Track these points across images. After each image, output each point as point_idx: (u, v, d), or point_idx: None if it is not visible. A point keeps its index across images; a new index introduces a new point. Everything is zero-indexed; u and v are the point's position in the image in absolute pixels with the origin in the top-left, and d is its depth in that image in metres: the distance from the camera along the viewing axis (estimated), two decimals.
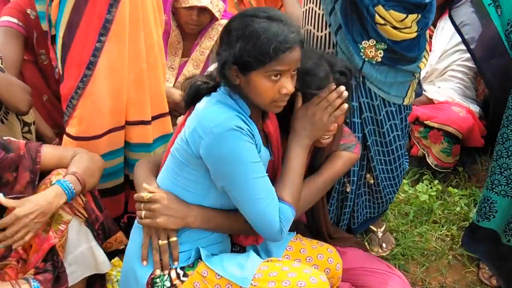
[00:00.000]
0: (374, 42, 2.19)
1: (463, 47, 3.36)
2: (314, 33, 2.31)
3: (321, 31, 2.29)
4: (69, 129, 2.18)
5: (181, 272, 1.81)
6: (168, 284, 1.80)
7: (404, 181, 3.31)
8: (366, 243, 2.75)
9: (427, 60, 2.39)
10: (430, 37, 3.66)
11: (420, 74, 2.42)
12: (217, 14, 2.78)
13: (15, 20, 2.56)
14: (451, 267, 2.74)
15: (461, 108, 3.37)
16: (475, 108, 3.45)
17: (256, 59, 1.66)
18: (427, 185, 3.28)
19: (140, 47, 2.16)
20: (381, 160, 2.45)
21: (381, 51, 2.20)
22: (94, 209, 1.97)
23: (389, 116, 2.35)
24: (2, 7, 2.68)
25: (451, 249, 2.86)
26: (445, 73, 3.56)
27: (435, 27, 3.61)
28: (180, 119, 2.18)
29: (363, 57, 2.22)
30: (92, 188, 1.98)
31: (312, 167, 2.13)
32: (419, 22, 2.21)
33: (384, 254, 2.74)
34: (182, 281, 1.80)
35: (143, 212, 1.81)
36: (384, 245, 2.77)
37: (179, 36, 2.89)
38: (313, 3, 2.29)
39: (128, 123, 2.24)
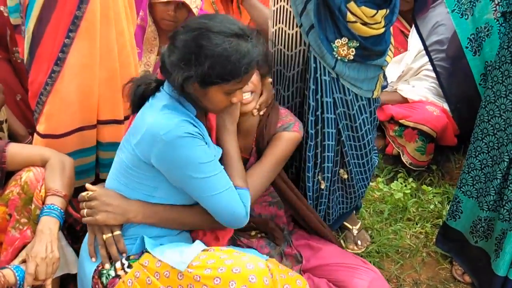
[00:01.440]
0: (347, 41, 2.21)
1: (438, 47, 3.41)
2: (286, 31, 2.31)
3: (293, 29, 2.29)
4: (39, 127, 2.15)
5: (125, 263, 1.85)
6: (112, 273, 1.84)
7: (379, 179, 3.34)
8: (341, 241, 2.77)
9: (392, 53, 2.44)
10: (406, 36, 3.70)
11: (386, 67, 2.46)
12: (194, 10, 2.76)
13: None
14: (425, 264, 2.77)
15: (435, 107, 3.41)
16: (447, 101, 3.47)
17: (222, 78, 1.70)
18: (401, 183, 3.31)
19: (111, 45, 2.13)
20: (354, 155, 2.46)
21: (353, 49, 2.22)
22: (72, 212, 1.96)
23: (361, 110, 2.37)
24: None
25: (425, 246, 2.89)
26: (419, 72, 3.60)
27: (411, 26, 3.65)
28: None
29: (336, 55, 2.23)
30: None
31: (259, 153, 2.18)
32: (387, 17, 2.25)
33: (359, 252, 2.75)
34: (126, 272, 1.83)
35: (85, 211, 1.86)
36: (359, 242, 2.79)
37: (155, 32, 2.86)
38: (283, 1, 2.29)
39: (100, 122, 2.21)
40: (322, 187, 2.46)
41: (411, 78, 3.63)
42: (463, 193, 2.54)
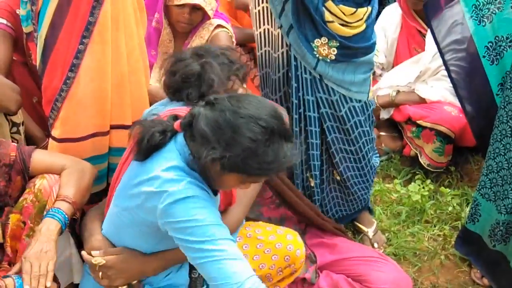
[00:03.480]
0: (326, 40, 2.20)
1: (456, 46, 3.36)
2: (272, 31, 2.31)
3: (276, 29, 2.30)
4: (54, 132, 2.15)
5: None
6: None
7: (396, 181, 3.30)
8: None
9: (378, 51, 2.42)
10: (424, 36, 3.66)
11: (376, 67, 2.45)
12: (209, 13, 2.77)
13: (4, 21, 2.53)
14: (444, 267, 2.74)
15: (453, 107, 3.36)
16: (463, 109, 3.43)
17: (249, 173, 1.60)
18: (419, 185, 3.27)
19: (120, 50, 2.12)
20: (347, 158, 2.44)
21: (335, 49, 2.21)
22: None
23: (352, 112, 2.34)
24: None
25: (443, 249, 2.85)
26: (438, 72, 3.55)
27: (428, 26, 3.61)
28: None
29: (317, 55, 2.21)
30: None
31: None
32: (369, 14, 2.24)
33: None
34: None
35: (100, 274, 1.80)
36: (375, 244, 2.76)
37: (171, 34, 2.87)
38: (266, 2, 2.29)
39: (110, 127, 2.20)
40: (312, 184, 2.45)
41: (429, 78, 3.58)
42: (481, 195, 2.50)
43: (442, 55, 3.03)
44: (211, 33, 2.82)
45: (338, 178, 2.49)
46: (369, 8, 2.22)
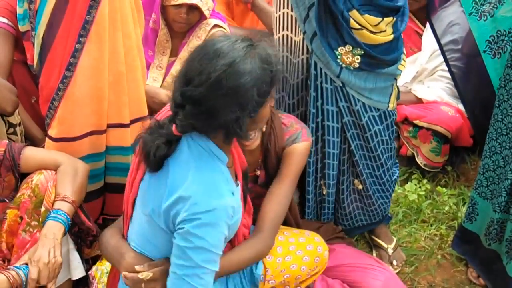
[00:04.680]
0: (351, 48, 2.17)
1: (453, 46, 3.37)
2: (291, 37, 2.29)
3: (298, 36, 2.27)
4: (51, 131, 2.16)
5: None
6: None
7: None
8: None
9: (405, 62, 2.38)
10: (420, 36, 3.66)
11: (399, 76, 2.40)
12: (206, 13, 2.77)
13: (5, 20, 2.53)
14: (440, 266, 2.74)
15: (450, 107, 3.37)
16: (464, 108, 3.45)
17: (269, 92, 1.62)
18: (416, 185, 3.28)
19: (118, 49, 2.13)
20: (368, 165, 2.43)
21: (358, 57, 2.18)
22: (85, 221, 1.96)
23: (372, 121, 2.33)
24: None
25: (440, 248, 2.86)
26: (434, 72, 3.56)
27: (424, 26, 3.61)
28: None
29: (340, 63, 2.19)
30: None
31: (267, 171, 2.13)
32: (395, 25, 2.20)
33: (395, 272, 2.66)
34: None
35: None
36: (394, 262, 2.70)
37: (168, 34, 2.87)
38: (287, 8, 2.26)
39: (107, 125, 2.21)
40: (324, 192, 2.45)
41: (426, 79, 3.59)
42: (478, 194, 2.51)
43: (443, 52, 3.03)
44: (208, 33, 2.82)
45: (360, 187, 2.47)
46: (395, 18, 2.17)
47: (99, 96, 2.13)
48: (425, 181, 3.31)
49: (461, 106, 3.41)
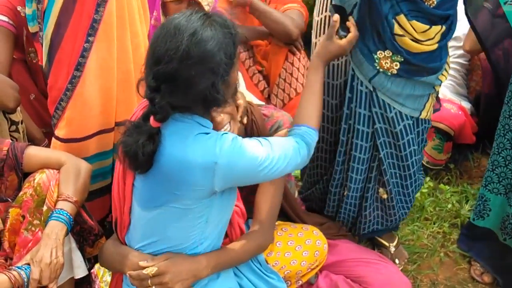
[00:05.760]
0: (390, 54, 2.12)
1: (455, 43, 3.36)
2: None
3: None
4: (58, 132, 2.15)
5: None
6: None
7: None
8: None
9: (448, 72, 2.32)
10: None
11: (439, 86, 2.35)
12: (206, 8, 2.76)
13: (6, 19, 2.53)
14: (443, 264, 2.74)
15: (453, 104, 3.36)
16: (467, 105, 3.44)
17: (235, 54, 1.67)
18: None
19: (126, 47, 2.13)
20: (396, 174, 2.40)
21: (397, 63, 2.13)
22: (87, 220, 1.96)
23: (407, 130, 2.29)
24: None
25: (443, 246, 2.85)
26: None
27: None
28: None
29: (378, 67, 2.15)
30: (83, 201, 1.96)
31: None
32: (443, 34, 2.14)
33: None
34: None
35: (155, 286, 1.72)
36: (396, 260, 2.68)
37: None
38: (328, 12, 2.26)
39: (116, 124, 2.21)
40: (344, 193, 2.44)
41: None
42: (489, 191, 2.51)
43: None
44: None
45: (384, 196, 2.44)
46: (444, 27, 2.11)
47: (108, 95, 2.13)
48: (427, 178, 3.30)
49: (464, 104, 3.41)
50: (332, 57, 2.07)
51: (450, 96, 3.44)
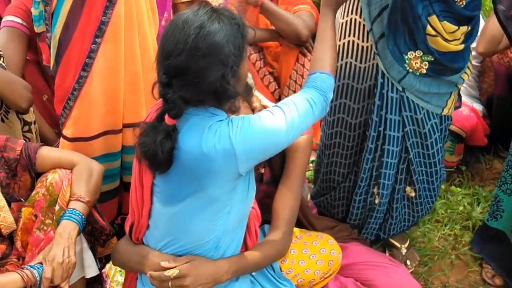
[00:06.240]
0: (421, 54, 2.14)
1: None
2: (358, 43, 2.28)
3: (367, 42, 2.26)
4: (65, 131, 2.17)
5: None
6: None
7: None
8: None
9: (470, 71, 2.35)
10: None
11: (461, 85, 2.37)
12: None
13: (19, 20, 2.56)
14: (454, 266, 2.73)
15: (464, 106, 3.33)
16: (479, 107, 3.42)
17: (243, 47, 1.67)
18: None
19: (134, 49, 2.14)
20: (423, 171, 2.42)
21: (427, 63, 2.15)
22: (99, 220, 1.97)
23: (434, 129, 2.32)
24: (3, 7, 2.67)
25: (454, 248, 2.84)
26: None
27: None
28: None
29: (407, 68, 2.16)
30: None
31: (271, 168, 2.10)
32: (468, 34, 2.17)
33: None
34: None
35: None
36: (408, 262, 2.69)
37: None
38: (356, 14, 2.26)
39: (124, 125, 2.22)
40: (376, 201, 2.43)
41: None
42: (503, 192, 2.50)
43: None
44: None
45: (412, 194, 2.45)
46: (469, 27, 2.14)
47: (115, 96, 2.14)
48: None
49: (475, 105, 3.39)
50: (339, 2, 1.99)
51: (462, 98, 3.42)
